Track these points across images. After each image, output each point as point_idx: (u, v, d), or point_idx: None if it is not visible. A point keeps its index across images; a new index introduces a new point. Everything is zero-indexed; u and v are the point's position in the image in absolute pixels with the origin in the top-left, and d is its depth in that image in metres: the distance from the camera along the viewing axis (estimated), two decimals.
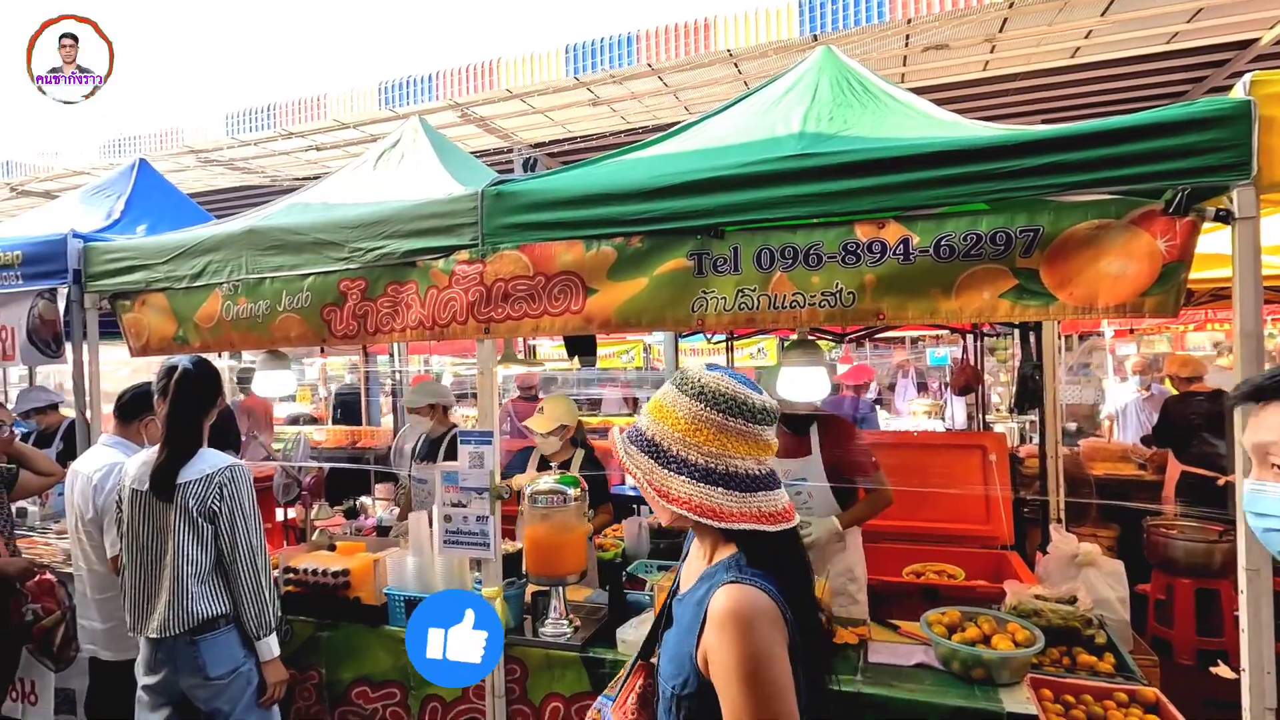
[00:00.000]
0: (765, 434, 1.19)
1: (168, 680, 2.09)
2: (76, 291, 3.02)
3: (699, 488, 1.13)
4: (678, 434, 1.16)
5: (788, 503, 1.20)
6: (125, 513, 2.15)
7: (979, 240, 1.78)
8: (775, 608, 1.11)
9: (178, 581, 2.06)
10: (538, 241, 2.22)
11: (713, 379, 1.18)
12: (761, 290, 1.99)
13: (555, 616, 2.35)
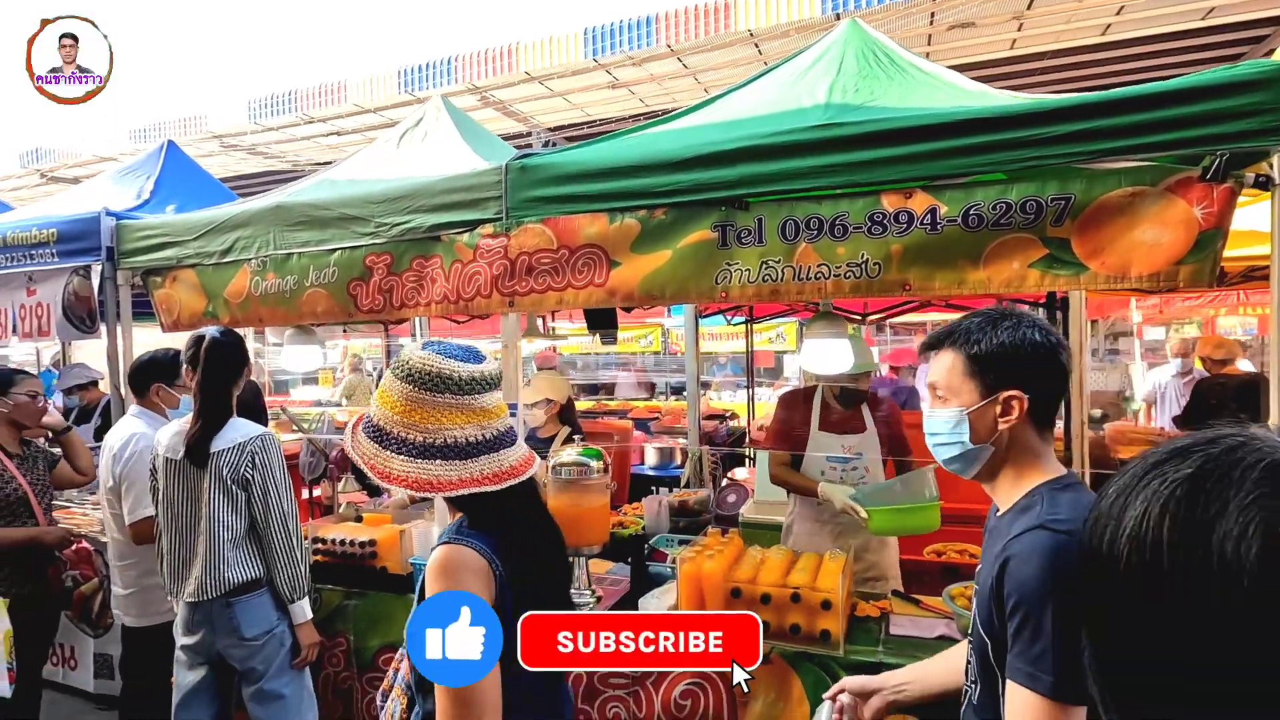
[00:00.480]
0: (479, 401, 1.25)
1: (205, 641, 2.15)
2: (110, 268, 3.08)
3: (416, 464, 1.21)
4: (396, 416, 1.23)
5: (520, 458, 1.28)
6: (160, 481, 2.20)
7: (1009, 209, 1.76)
8: (481, 562, 1.20)
9: (213, 547, 2.11)
10: (561, 215, 2.22)
11: (420, 359, 1.25)
12: (786, 261, 1.98)
13: (578, 586, 2.38)
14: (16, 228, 3.28)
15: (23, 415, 2.73)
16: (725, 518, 3.60)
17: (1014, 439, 1.19)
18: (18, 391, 2.73)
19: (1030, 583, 1.03)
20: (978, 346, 1.19)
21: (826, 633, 2.02)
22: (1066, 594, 0.99)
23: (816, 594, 2.04)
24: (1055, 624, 0.99)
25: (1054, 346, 1.17)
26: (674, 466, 5.14)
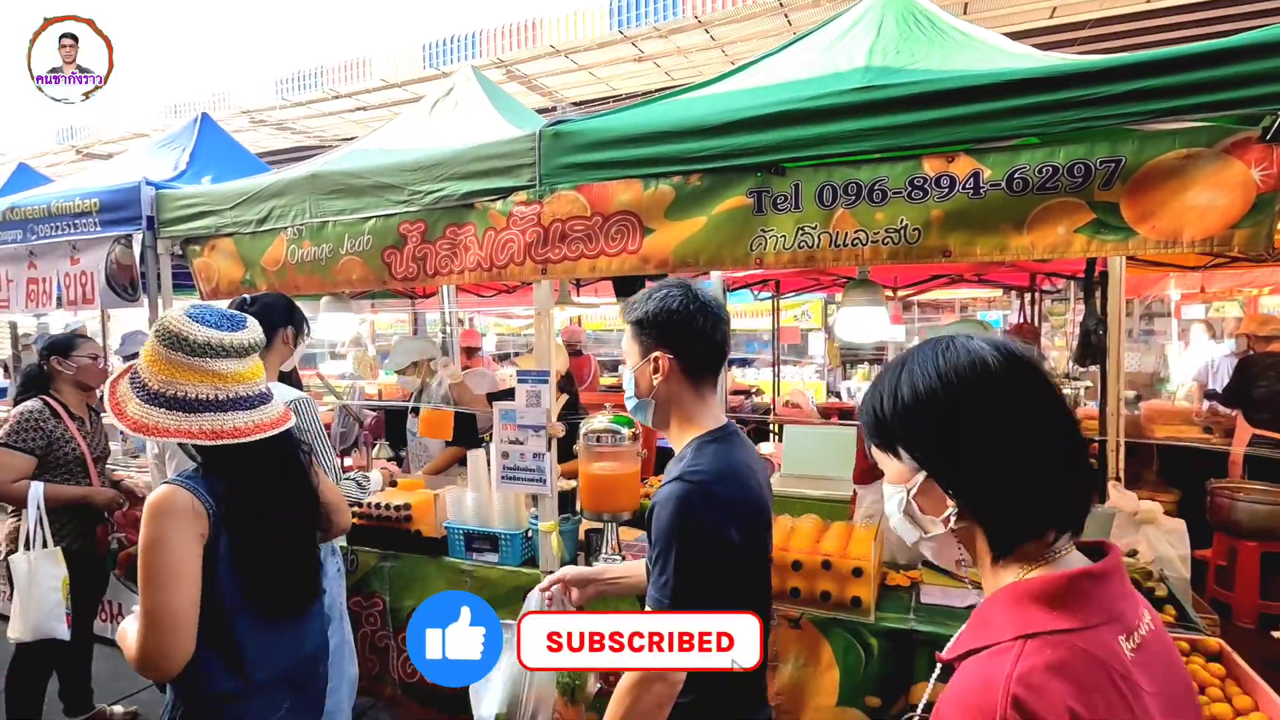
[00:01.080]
0: (212, 365, 1.38)
1: None
2: (150, 237, 3.14)
3: (145, 408, 1.36)
4: (145, 364, 1.40)
5: (248, 423, 1.41)
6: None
7: (1055, 173, 1.71)
8: (190, 500, 1.35)
9: None
10: (595, 181, 2.22)
11: (170, 319, 1.39)
12: (823, 228, 1.96)
13: (608, 552, 2.41)
14: (60, 198, 3.36)
15: (87, 377, 2.83)
16: None
17: (670, 394, 1.36)
18: (79, 354, 2.84)
19: (663, 526, 1.22)
20: (635, 313, 1.37)
21: (857, 599, 2.03)
22: (688, 535, 1.20)
23: (848, 561, 2.05)
24: (677, 560, 1.19)
25: (693, 313, 1.32)
26: None
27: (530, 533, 2.55)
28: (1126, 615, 0.74)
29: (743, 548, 1.26)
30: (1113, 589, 0.75)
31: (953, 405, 0.77)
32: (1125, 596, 0.76)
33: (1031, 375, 0.78)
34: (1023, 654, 0.68)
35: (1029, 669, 0.67)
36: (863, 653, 2.03)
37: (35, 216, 3.39)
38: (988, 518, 0.78)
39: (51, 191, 3.67)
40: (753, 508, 1.33)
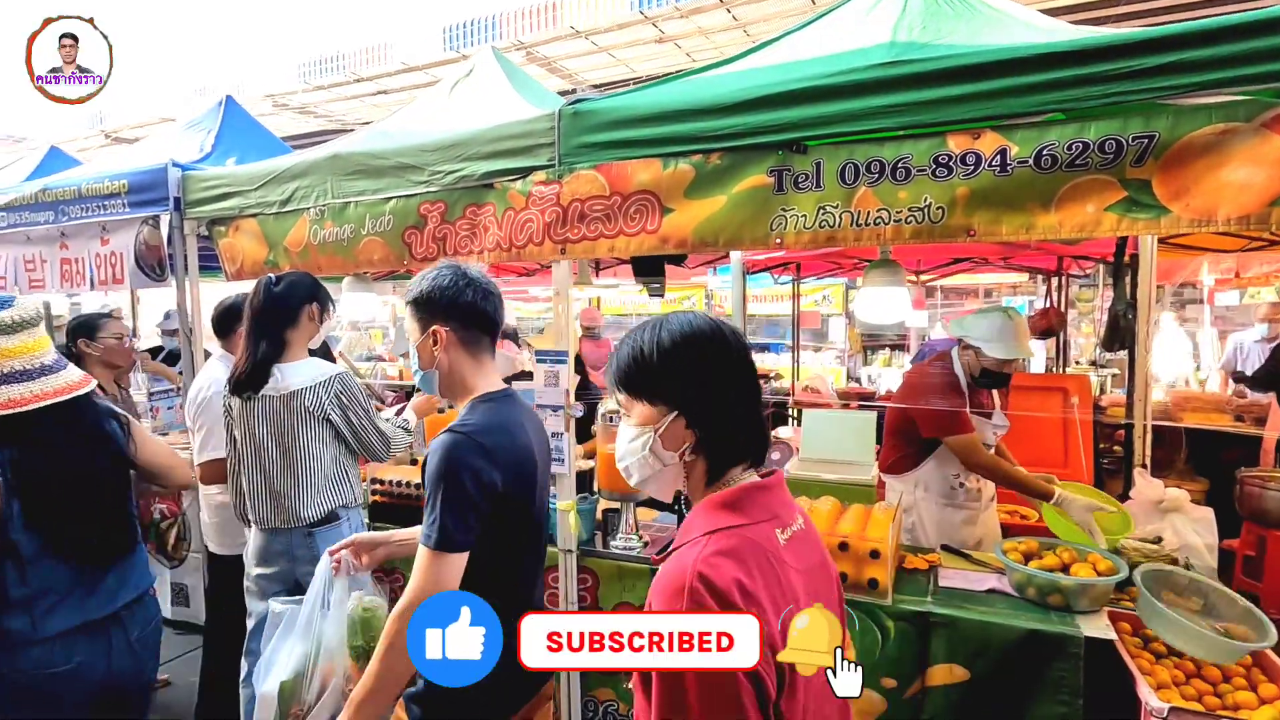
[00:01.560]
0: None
1: (284, 571, 2.27)
2: (177, 218, 3.19)
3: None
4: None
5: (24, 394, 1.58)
6: (237, 418, 2.29)
7: (1085, 149, 1.67)
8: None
9: (301, 480, 2.23)
10: (614, 161, 2.21)
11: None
12: (844, 207, 1.94)
13: (626, 531, 2.43)
14: (90, 180, 3.42)
15: (114, 357, 2.88)
16: None
17: (451, 363, 1.49)
18: (105, 336, 2.88)
19: (432, 471, 1.36)
20: (411, 294, 1.52)
21: (874, 581, 2.03)
22: (452, 477, 1.33)
23: (865, 543, 2.04)
24: (444, 499, 1.32)
25: (462, 288, 1.47)
26: None
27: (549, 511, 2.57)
28: (783, 516, 1.01)
29: (506, 492, 1.40)
30: (774, 498, 1.02)
31: (694, 359, 1.01)
32: (784, 504, 1.04)
33: (733, 338, 1.04)
34: (706, 544, 0.92)
35: (710, 554, 0.91)
36: (879, 634, 2.03)
37: (66, 198, 3.46)
38: (712, 449, 1.01)
39: (81, 173, 3.74)
40: (519, 457, 1.46)
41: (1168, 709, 1.63)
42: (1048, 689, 1.85)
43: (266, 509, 2.26)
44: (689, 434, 1.00)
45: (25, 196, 3.61)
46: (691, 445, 1.01)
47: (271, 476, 2.24)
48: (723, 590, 0.88)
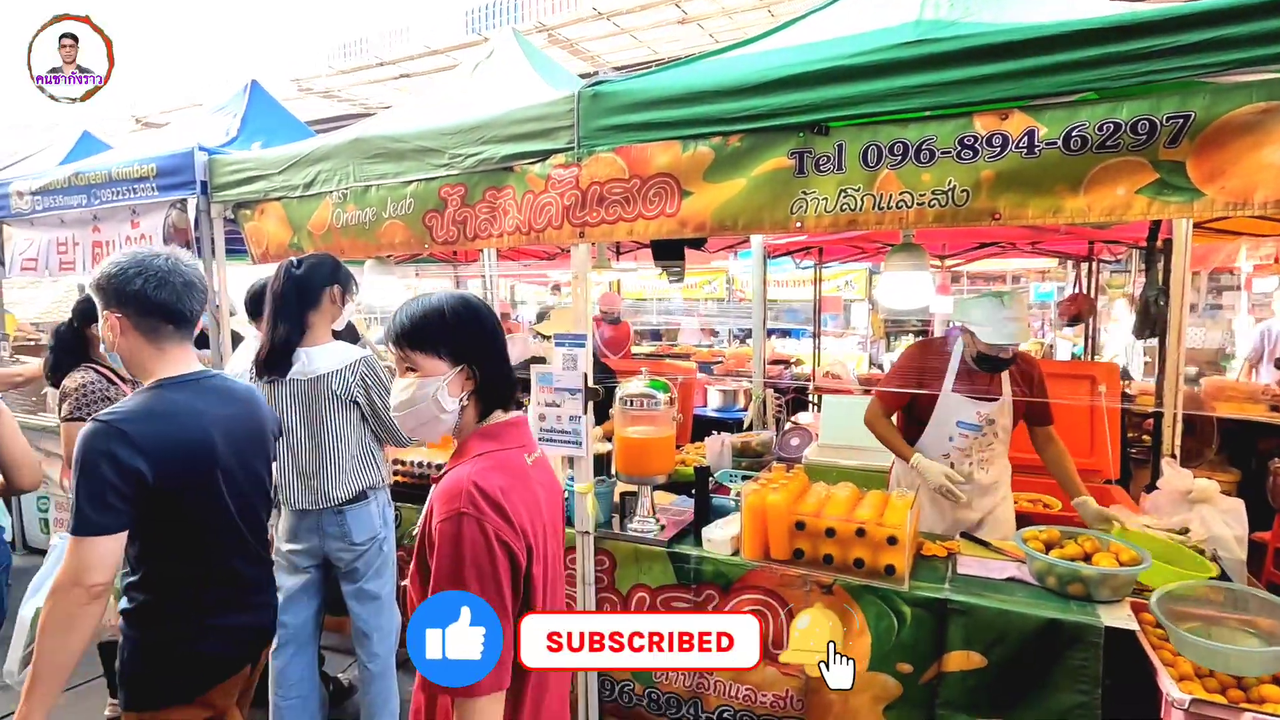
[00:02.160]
0: None
1: (314, 547, 2.33)
2: (204, 201, 3.24)
3: None
4: None
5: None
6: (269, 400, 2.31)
7: (1117, 130, 1.62)
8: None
9: (332, 460, 2.28)
10: (634, 143, 2.19)
11: None
12: (866, 190, 1.91)
13: (643, 514, 2.45)
14: (121, 164, 3.48)
15: None
16: (788, 460, 3.59)
17: (129, 348, 1.55)
18: None
19: (73, 460, 1.42)
20: (90, 279, 1.59)
21: (891, 567, 2.02)
22: (87, 465, 1.39)
23: (883, 529, 2.03)
24: (77, 487, 1.39)
25: (131, 276, 1.51)
26: (737, 409, 5.14)
27: (566, 493, 2.59)
28: (529, 445, 1.31)
29: (163, 478, 1.45)
30: (523, 432, 1.32)
31: (476, 321, 1.28)
32: (528, 436, 1.34)
33: (488, 309, 1.32)
34: (478, 461, 1.19)
35: (481, 468, 1.16)
36: (895, 620, 2.02)
37: (98, 182, 3.53)
38: (485, 395, 1.27)
39: (112, 158, 3.81)
40: (183, 444, 1.51)
41: (1189, 700, 1.61)
42: (1066, 678, 1.84)
43: (296, 490, 2.30)
44: (469, 383, 1.25)
45: (59, 180, 3.69)
46: (470, 391, 1.25)
47: (300, 459, 2.29)
48: (491, 493, 1.12)
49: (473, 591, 1.08)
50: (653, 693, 2.41)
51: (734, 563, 2.25)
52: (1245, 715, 1.61)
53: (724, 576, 2.25)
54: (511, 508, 1.13)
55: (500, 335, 1.32)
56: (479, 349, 1.27)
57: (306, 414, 2.28)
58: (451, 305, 1.27)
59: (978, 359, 2.60)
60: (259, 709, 2.40)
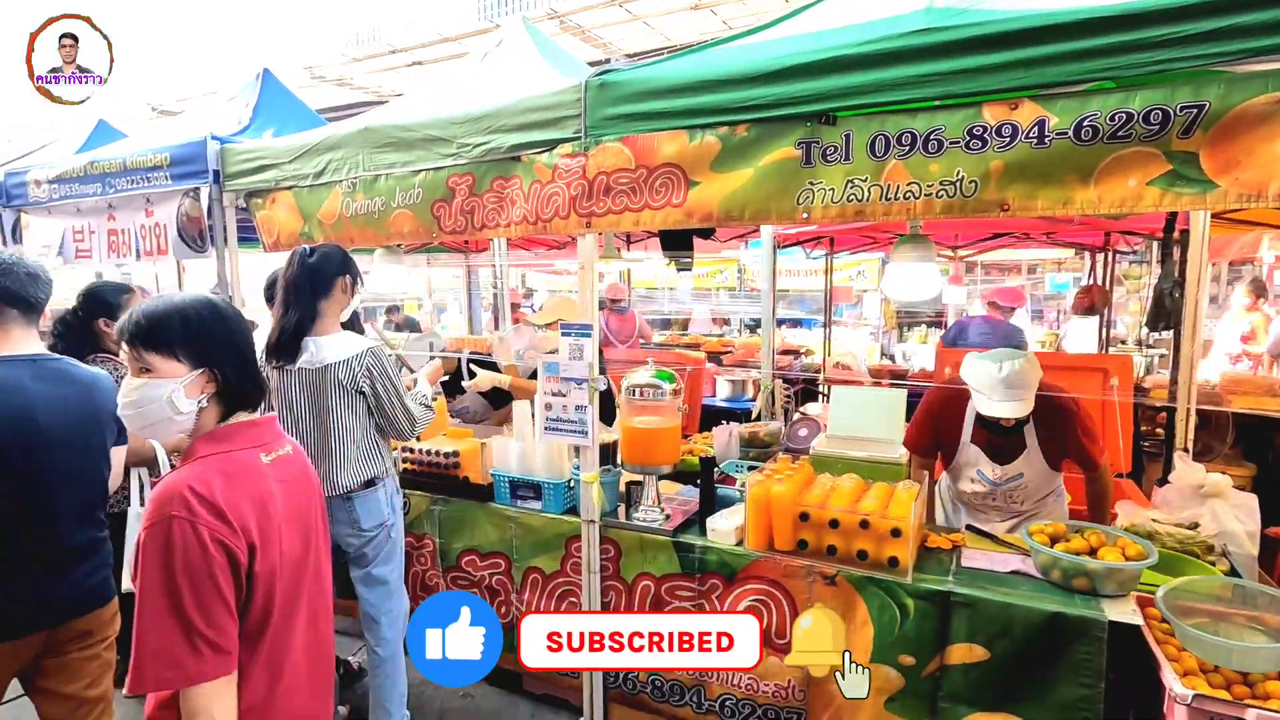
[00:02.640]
0: None
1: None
2: (216, 191, 3.27)
3: None
4: None
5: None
6: (275, 387, 2.36)
7: (1129, 120, 1.60)
8: None
9: (340, 448, 2.32)
10: (640, 133, 2.19)
11: None
12: (873, 180, 1.89)
13: (648, 504, 2.46)
14: (135, 153, 3.52)
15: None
16: (796, 451, 3.59)
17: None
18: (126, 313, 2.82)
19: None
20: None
21: (895, 559, 2.02)
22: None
23: (887, 521, 2.03)
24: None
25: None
26: (745, 399, 5.13)
27: (572, 482, 2.61)
28: (270, 444, 1.34)
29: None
30: (264, 430, 1.35)
31: (222, 325, 1.31)
32: (274, 435, 1.37)
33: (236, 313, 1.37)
34: (196, 465, 1.22)
35: (199, 471, 1.20)
36: (898, 612, 2.03)
37: (113, 170, 3.57)
38: (227, 397, 1.30)
39: (127, 146, 3.85)
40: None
41: (1192, 696, 1.60)
42: (1069, 671, 1.84)
43: None
44: (211, 385, 1.27)
45: (75, 169, 3.74)
46: (211, 394, 1.27)
47: (307, 446, 2.31)
48: (206, 495, 1.16)
49: (183, 590, 1.11)
50: (656, 679, 2.43)
51: (738, 553, 2.25)
52: (1250, 712, 1.60)
53: (728, 566, 2.26)
54: (230, 508, 1.17)
55: (247, 339, 1.36)
56: (223, 352, 1.29)
57: (313, 402, 2.31)
58: (195, 308, 1.29)
59: (982, 420, 2.47)
60: None
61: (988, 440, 2.53)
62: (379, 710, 2.46)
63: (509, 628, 2.68)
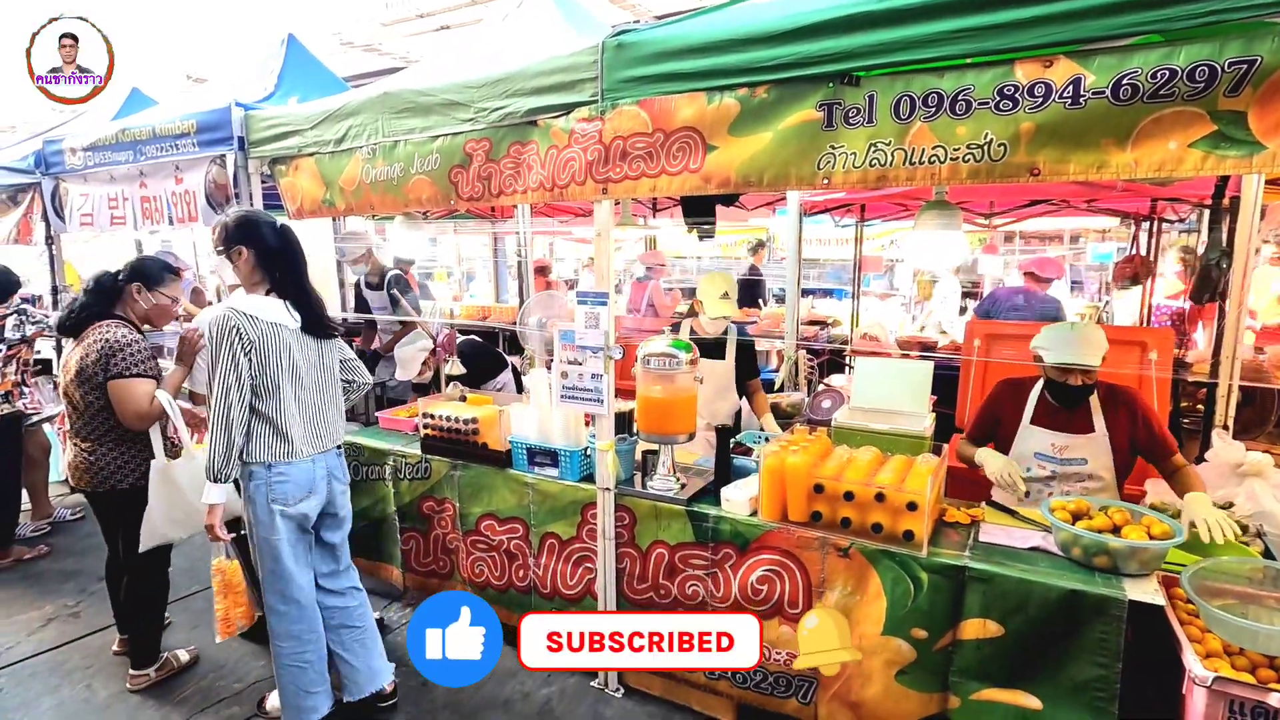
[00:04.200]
0: None
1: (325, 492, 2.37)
2: (242, 157, 3.30)
3: None
4: None
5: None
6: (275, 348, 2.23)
7: (1172, 77, 1.50)
8: None
9: (334, 404, 2.40)
10: (658, 95, 2.13)
11: None
12: (897, 143, 1.82)
13: (664, 473, 2.46)
14: (164, 121, 3.57)
15: (157, 316, 2.78)
16: (818, 422, 3.55)
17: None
18: (164, 292, 2.74)
19: None
20: None
21: (910, 533, 1.99)
22: None
23: (903, 495, 2.00)
24: None
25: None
26: (769, 370, 5.08)
27: (589, 450, 2.62)
28: None
29: None
30: None
31: None
32: None
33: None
34: None
35: None
36: (911, 585, 2.01)
37: (143, 138, 3.63)
38: None
39: (156, 114, 3.90)
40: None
41: (1213, 678, 1.56)
42: (1086, 650, 1.81)
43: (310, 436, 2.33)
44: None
45: (108, 137, 3.80)
46: None
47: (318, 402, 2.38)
48: None
49: None
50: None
51: (751, 523, 2.25)
52: (1272, 695, 1.55)
53: (741, 537, 2.26)
54: None
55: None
56: None
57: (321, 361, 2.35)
58: None
59: (1050, 388, 2.45)
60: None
61: (1052, 416, 2.48)
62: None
63: (525, 590, 2.76)
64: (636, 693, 2.60)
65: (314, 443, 2.30)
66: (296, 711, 2.33)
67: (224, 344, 2.11)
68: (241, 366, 2.12)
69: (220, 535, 2.24)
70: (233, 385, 2.11)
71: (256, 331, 2.15)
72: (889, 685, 2.08)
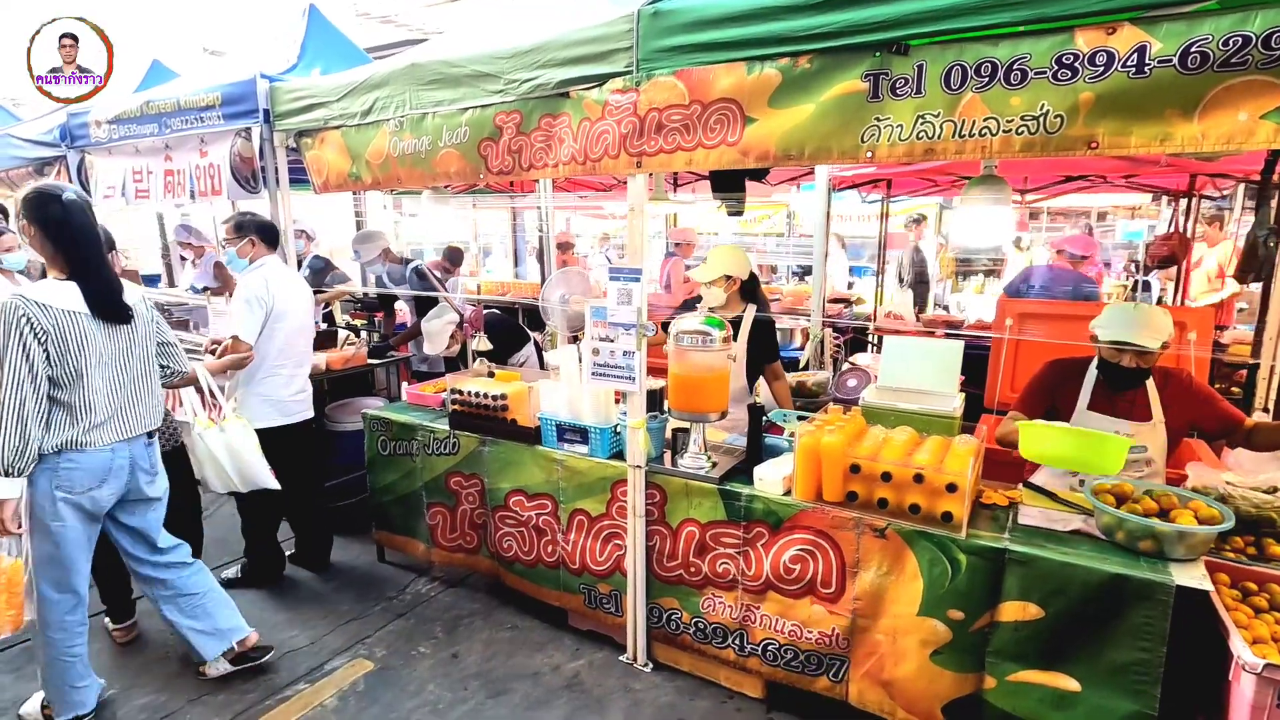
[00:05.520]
0: None
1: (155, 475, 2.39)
2: (267, 130, 3.28)
3: None
4: None
5: None
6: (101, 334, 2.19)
7: (1246, 44, 1.43)
8: None
9: (152, 390, 2.36)
10: (695, 66, 2.08)
11: None
12: (946, 115, 1.76)
13: (695, 450, 2.45)
14: (188, 93, 3.54)
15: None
16: (844, 401, 3.52)
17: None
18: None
19: None
20: None
21: (949, 514, 1.97)
22: None
23: (943, 476, 1.97)
24: None
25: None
26: (793, 348, 5.04)
27: (619, 427, 2.61)
28: None
29: None
30: None
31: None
32: None
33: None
34: None
35: None
36: (949, 567, 1.99)
37: (168, 110, 3.61)
38: None
39: (180, 86, 3.88)
40: None
41: (1263, 665, 1.54)
42: (1128, 634, 1.78)
43: (139, 414, 2.33)
44: None
45: (132, 109, 3.79)
46: None
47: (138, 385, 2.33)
48: None
49: None
50: (699, 622, 2.47)
51: (785, 503, 2.23)
52: None
53: (774, 515, 2.25)
54: None
55: None
56: None
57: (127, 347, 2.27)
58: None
59: (1105, 370, 2.36)
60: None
61: (1110, 401, 2.40)
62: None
63: (554, 565, 2.77)
64: (665, 668, 2.62)
65: (118, 430, 2.21)
66: (68, 706, 2.28)
67: (13, 334, 1.99)
68: (35, 357, 2.01)
69: (10, 530, 2.07)
70: (25, 378, 2.00)
71: (50, 320, 2.04)
72: (923, 664, 2.07)
